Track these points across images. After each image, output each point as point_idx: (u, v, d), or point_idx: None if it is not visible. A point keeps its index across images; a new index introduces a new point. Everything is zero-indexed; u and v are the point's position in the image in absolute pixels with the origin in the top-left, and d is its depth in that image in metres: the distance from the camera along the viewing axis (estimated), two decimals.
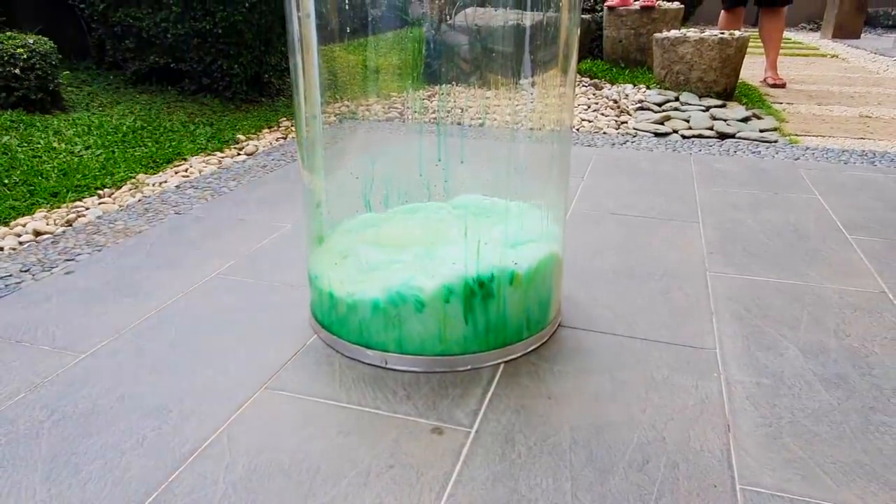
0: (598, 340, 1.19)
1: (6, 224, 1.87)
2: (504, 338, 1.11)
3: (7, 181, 2.13)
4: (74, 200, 2.09)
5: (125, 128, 2.78)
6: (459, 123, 1.09)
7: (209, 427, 0.95)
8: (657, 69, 3.64)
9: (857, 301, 1.34)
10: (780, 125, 3.04)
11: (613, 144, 2.67)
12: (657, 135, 2.86)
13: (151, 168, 2.43)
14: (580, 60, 4.37)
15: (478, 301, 1.06)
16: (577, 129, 2.96)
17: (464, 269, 1.04)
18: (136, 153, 2.52)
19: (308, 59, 1.07)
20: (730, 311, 1.30)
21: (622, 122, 3.04)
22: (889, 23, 9.93)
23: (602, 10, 4.41)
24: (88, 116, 2.87)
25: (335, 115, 1.11)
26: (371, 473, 0.85)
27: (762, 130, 2.89)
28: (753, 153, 2.53)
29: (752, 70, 4.56)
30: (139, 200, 2.06)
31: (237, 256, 1.58)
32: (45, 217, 1.94)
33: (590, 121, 3.06)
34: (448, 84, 1.03)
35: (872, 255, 1.57)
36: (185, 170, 2.44)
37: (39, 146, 2.46)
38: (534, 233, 1.13)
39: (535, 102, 1.06)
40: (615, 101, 3.37)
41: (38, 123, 2.66)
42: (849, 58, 5.92)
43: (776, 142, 2.73)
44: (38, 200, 2.05)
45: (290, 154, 2.61)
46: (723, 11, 4.21)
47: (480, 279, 1.04)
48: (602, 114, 3.19)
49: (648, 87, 3.67)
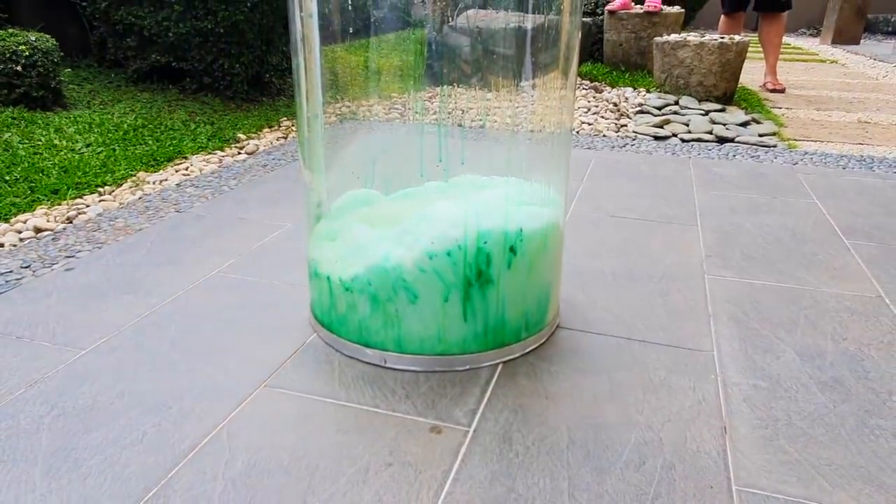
0: (597, 342, 1.20)
1: (7, 220, 1.88)
2: (503, 338, 1.12)
3: (8, 178, 2.14)
4: (75, 198, 2.10)
5: (126, 126, 2.78)
6: (460, 125, 1.09)
7: (209, 424, 0.95)
8: (657, 73, 3.65)
9: (854, 305, 1.35)
10: (779, 130, 3.05)
11: (613, 147, 2.68)
12: (657, 138, 2.87)
13: (152, 166, 2.43)
14: (581, 63, 4.39)
15: (475, 290, 1.06)
16: (577, 132, 2.97)
17: (463, 234, 1.02)
18: (137, 151, 2.53)
19: (310, 60, 1.07)
20: (727, 314, 1.31)
21: (622, 126, 3.05)
22: (888, 29, 9.96)
23: (603, 14, 4.42)
24: (89, 114, 2.87)
25: (336, 116, 1.11)
26: (370, 471, 0.86)
27: (761, 135, 2.90)
28: (752, 157, 2.54)
29: (752, 75, 4.58)
30: (140, 198, 2.07)
31: (238, 255, 1.58)
32: (46, 214, 1.94)
33: (590, 123, 3.07)
34: (449, 86, 1.04)
35: (869, 260, 1.58)
36: (186, 168, 2.44)
37: (40, 143, 2.46)
38: (535, 199, 1.11)
39: (536, 104, 1.07)
40: (615, 105, 3.38)
41: (40, 120, 2.67)
42: (848, 63, 5.94)
43: (775, 146, 2.74)
44: (39, 197, 2.05)
45: (291, 154, 2.62)
46: (723, 16, 4.22)
47: (478, 246, 1.03)
48: (602, 117, 3.20)
49: (648, 91, 3.68)
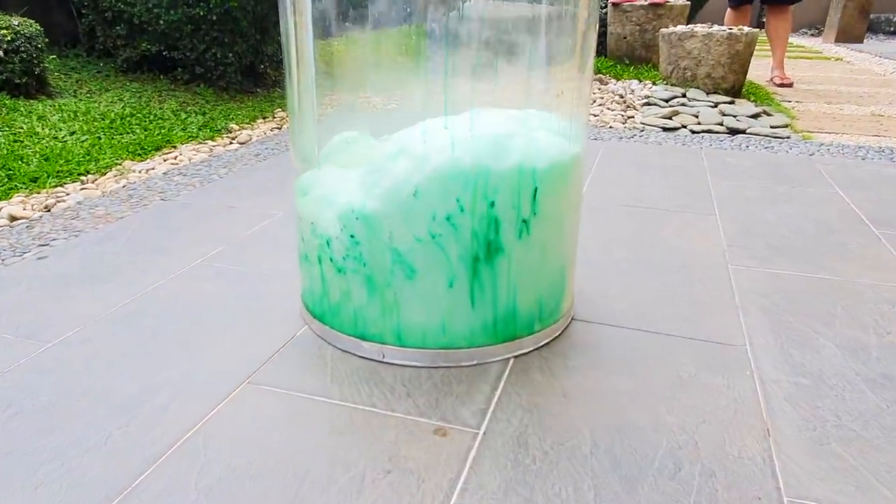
0: (615, 335, 1.09)
1: None
2: (514, 330, 1.01)
3: None
4: (55, 186, 1.98)
5: (113, 114, 2.67)
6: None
7: (184, 424, 0.84)
8: (663, 65, 3.55)
9: (894, 296, 1.24)
10: (792, 122, 2.95)
11: (621, 138, 2.58)
12: (665, 129, 2.77)
13: (139, 155, 2.32)
14: None
15: (482, 259, 0.95)
16: None
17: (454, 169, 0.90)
18: (124, 140, 2.41)
19: (303, 51, 0.96)
20: (756, 306, 1.20)
21: (629, 117, 2.94)
22: (891, 29, 9.88)
23: (606, 7, 4.32)
24: (75, 102, 2.76)
25: (332, 108, 1.00)
26: (366, 479, 0.75)
27: (773, 126, 2.80)
28: (766, 148, 2.44)
29: (758, 70, 4.47)
30: (123, 186, 1.95)
31: (225, 243, 1.47)
32: (23, 202, 1.83)
33: (595, 115, 2.96)
34: (455, 76, 0.92)
35: None
36: (175, 157, 2.33)
37: (21, 131, 2.35)
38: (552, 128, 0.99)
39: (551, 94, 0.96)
40: (621, 97, 3.27)
41: (22, 108, 2.55)
42: (853, 61, 5.85)
43: (789, 138, 2.64)
44: (17, 185, 1.94)
45: (285, 144, 2.50)
46: (729, 9, 4.12)
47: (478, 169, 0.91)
48: (608, 108, 3.09)
49: (654, 84, 3.58)
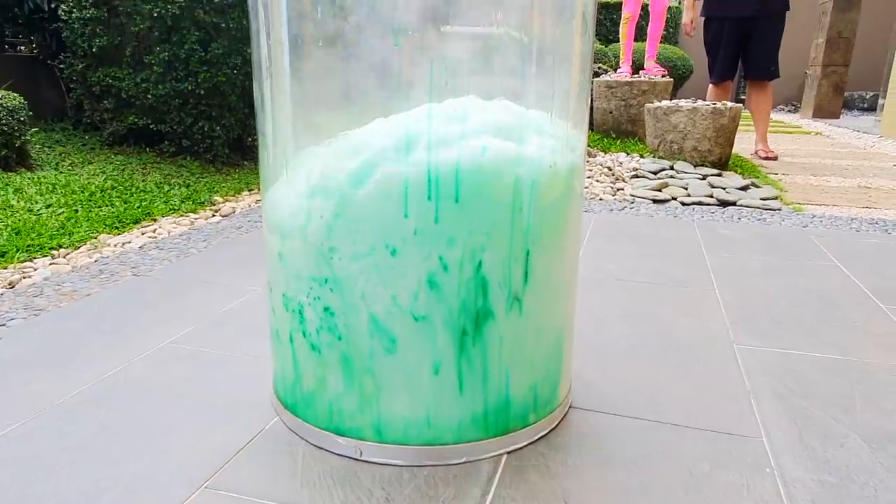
0: (618, 425, 0.99)
1: None
2: (507, 422, 0.91)
3: None
4: (24, 261, 1.89)
5: (93, 187, 2.61)
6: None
7: None
8: (650, 138, 3.58)
9: None
10: (781, 194, 2.95)
11: (612, 210, 2.54)
12: (655, 201, 2.75)
13: (116, 228, 2.24)
14: None
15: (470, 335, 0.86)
16: None
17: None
18: (102, 213, 2.34)
19: (278, 89, 0.90)
20: (768, 389, 1.11)
21: (618, 189, 2.93)
22: (864, 105, 10.26)
23: (592, 81, 4.42)
24: (56, 175, 2.70)
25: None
26: None
27: (764, 198, 2.79)
28: (759, 220, 2.41)
29: (741, 144, 4.55)
30: (95, 261, 1.86)
31: (196, 321, 1.37)
32: None
33: (585, 187, 2.94)
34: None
35: None
36: (153, 230, 2.25)
37: None
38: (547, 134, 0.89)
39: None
40: (609, 169, 3.27)
41: None
42: (832, 135, 5.99)
43: (780, 210, 2.62)
44: None
45: None
46: (711, 85, 4.22)
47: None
48: (597, 180, 3.08)
49: (642, 156, 3.60)
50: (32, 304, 1.49)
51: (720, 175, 3.22)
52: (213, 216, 2.51)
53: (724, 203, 2.72)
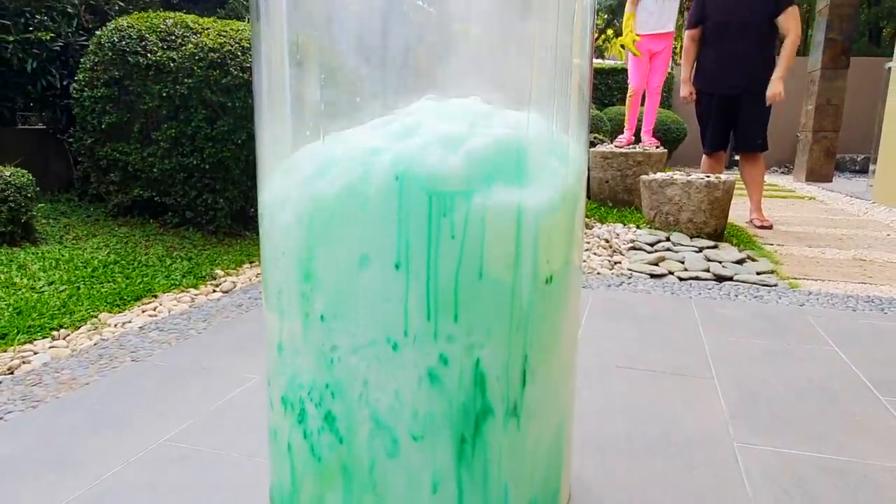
0: None
1: None
2: None
3: None
4: (24, 342, 1.89)
5: (96, 262, 2.64)
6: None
7: None
8: (646, 210, 3.64)
9: None
10: (777, 267, 2.97)
11: (609, 286, 2.56)
12: (652, 276, 2.77)
13: (117, 306, 2.25)
14: None
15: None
16: None
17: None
18: (103, 289, 2.36)
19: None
20: (771, 496, 1.09)
21: (615, 263, 2.96)
22: (856, 168, 10.46)
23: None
24: (59, 249, 2.73)
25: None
26: None
27: (759, 273, 2.81)
28: (755, 298, 2.42)
29: (736, 210, 4.60)
30: (95, 344, 1.87)
31: (194, 416, 1.37)
32: None
33: (584, 260, 2.97)
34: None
35: None
36: (154, 308, 2.27)
37: None
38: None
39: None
40: (607, 241, 3.31)
41: (3, 257, 2.52)
42: (826, 200, 6.08)
43: (776, 285, 2.64)
44: None
45: None
46: (704, 156, 4.33)
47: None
48: (594, 253, 3.12)
49: (638, 227, 3.65)
50: (31, 395, 1.49)
51: (716, 247, 3.26)
52: (214, 292, 2.53)
53: (721, 278, 2.74)
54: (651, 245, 3.25)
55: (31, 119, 3.96)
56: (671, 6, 4.28)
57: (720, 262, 2.94)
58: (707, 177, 3.50)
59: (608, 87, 11.81)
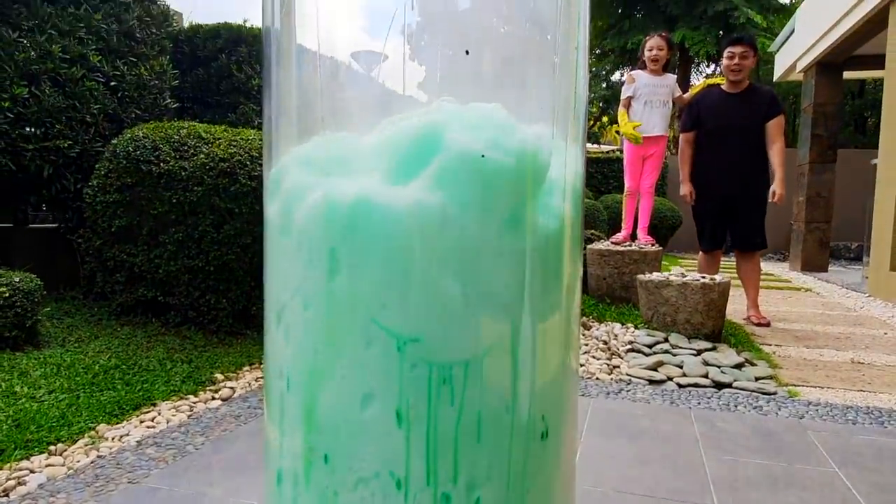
0: None
1: None
2: None
3: None
4: (21, 459, 1.89)
5: (97, 367, 2.65)
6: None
7: None
8: (644, 309, 3.68)
9: None
10: (775, 372, 2.98)
11: (608, 394, 2.56)
12: (651, 382, 2.77)
13: (115, 416, 2.25)
14: None
15: None
16: None
17: None
18: (103, 398, 2.36)
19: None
20: None
21: (614, 367, 2.97)
22: (851, 255, 10.59)
23: (585, 248, 4.62)
24: (61, 353, 2.75)
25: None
26: None
27: (758, 378, 2.82)
28: (755, 408, 2.42)
29: (734, 304, 4.63)
30: (92, 462, 1.86)
31: None
32: None
33: (582, 365, 2.98)
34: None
35: None
36: (152, 419, 2.26)
37: (0, 389, 2.30)
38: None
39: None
40: (605, 343, 3.34)
41: (6, 363, 2.53)
42: (822, 292, 6.14)
43: (775, 394, 2.64)
44: None
45: None
46: (702, 252, 4.41)
47: None
48: (593, 356, 3.13)
49: (636, 327, 3.68)
50: None
51: (714, 349, 3.28)
52: (213, 399, 2.52)
53: (720, 385, 2.75)
54: (649, 347, 3.27)
55: (43, 217, 4.07)
56: (659, 112, 4.49)
57: (719, 367, 2.95)
58: (702, 277, 3.56)
59: (604, 176, 12.14)
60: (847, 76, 8.50)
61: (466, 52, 0.91)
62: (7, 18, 3.01)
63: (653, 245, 4.50)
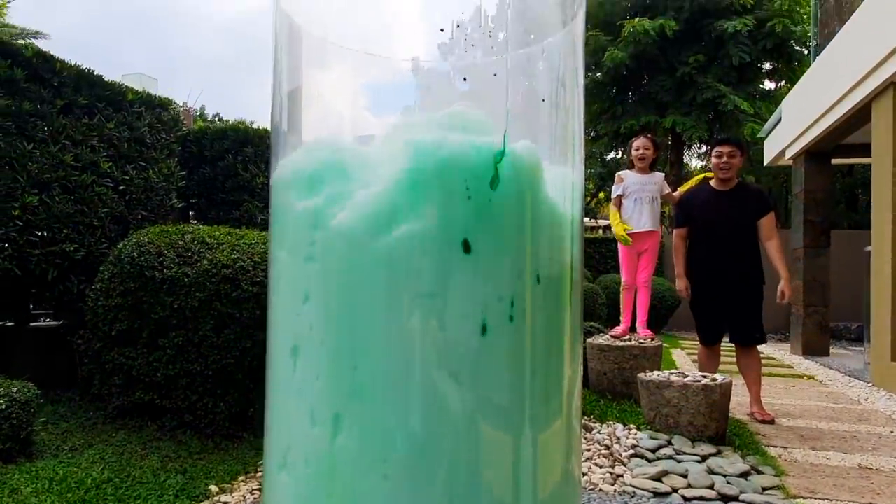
0: None
1: None
2: None
3: None
4: None
5: (90, 481, 2.60)
6: None
7: None
8: (646, 409, 3.64)
9: None
10: (782, 481, 2.92)
11: None
12: (656, 494, 2.71)
13: None
14: None
15: None
16: None
17: None
18: None
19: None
20: None
21: (618, 476, 2.91)
22: (851, 336, 10.55)
23: (585, 343, 4.62)
24: (54, 466, 2.70)
25: None
26: None
27: (765, 490, 2.76)
28: None
29: (736, 396, 4.56)
30: None
31: None
32: None
33: (584, 473, 2.92)
34: None
35: None
36: None
37: None
38: None
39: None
40: (607, 448, 3.28)
41: None
42: (825, 380, 6.07)
43: None
44: None
45: None
46: (701, 346, 4.40)
47: None
48: (596, 464, 3.07)
49: (639, 429, 3.63)
50: None
51: (719, 453, 3.22)
52: None
53: (726, 498, 2.69)
54: (653, 452, 3.21)
55: (43, 317, 4.09)
56: (649, 209, 4.60)
57: (724, 476, 2.89)
58: (703, 377, 3.55)
59: (602, 256, 12.26)
60: (836, 162, 8.74)
61: None
62: (23, 131, 3.14)
63: (652, 339, 4.50)
